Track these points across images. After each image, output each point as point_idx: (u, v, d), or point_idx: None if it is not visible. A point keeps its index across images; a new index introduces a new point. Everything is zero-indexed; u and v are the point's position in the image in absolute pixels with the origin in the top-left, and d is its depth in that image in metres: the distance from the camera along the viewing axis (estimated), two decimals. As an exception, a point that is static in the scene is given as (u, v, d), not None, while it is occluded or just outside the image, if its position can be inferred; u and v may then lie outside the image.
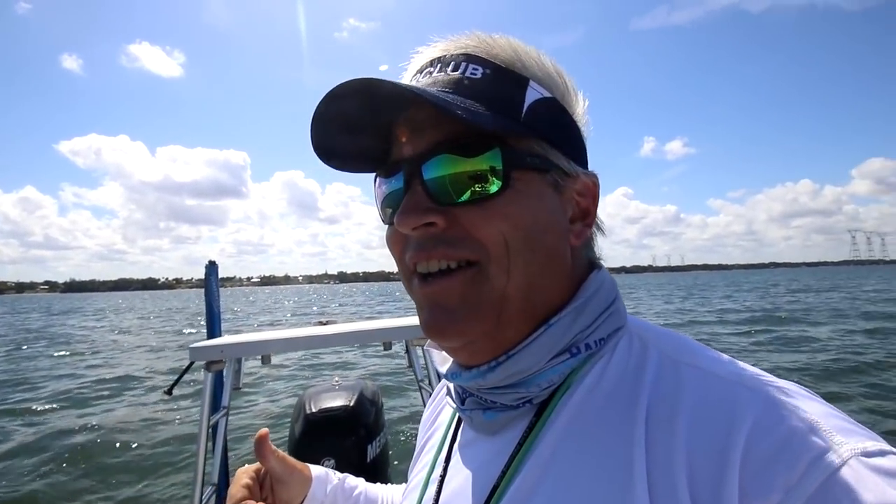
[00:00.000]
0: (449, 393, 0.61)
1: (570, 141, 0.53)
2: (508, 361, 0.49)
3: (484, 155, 0.47)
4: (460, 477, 0.55)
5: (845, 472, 0.33)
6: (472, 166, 0.47)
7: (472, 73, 0.49)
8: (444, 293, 0.49)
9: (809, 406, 0.39)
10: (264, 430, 0.73)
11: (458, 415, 0.63)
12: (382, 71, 0.47)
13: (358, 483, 0.85)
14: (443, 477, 0.58)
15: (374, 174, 0.57)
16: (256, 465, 0.76)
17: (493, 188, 0.47)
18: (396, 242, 0.53)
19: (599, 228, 0.59)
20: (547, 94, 0.51)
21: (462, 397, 0.56)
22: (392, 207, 0.53)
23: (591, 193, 0.54)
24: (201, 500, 2.09)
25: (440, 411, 0.73)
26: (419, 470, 0.66)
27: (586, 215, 0.54)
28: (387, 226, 0.55)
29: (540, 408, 0.50)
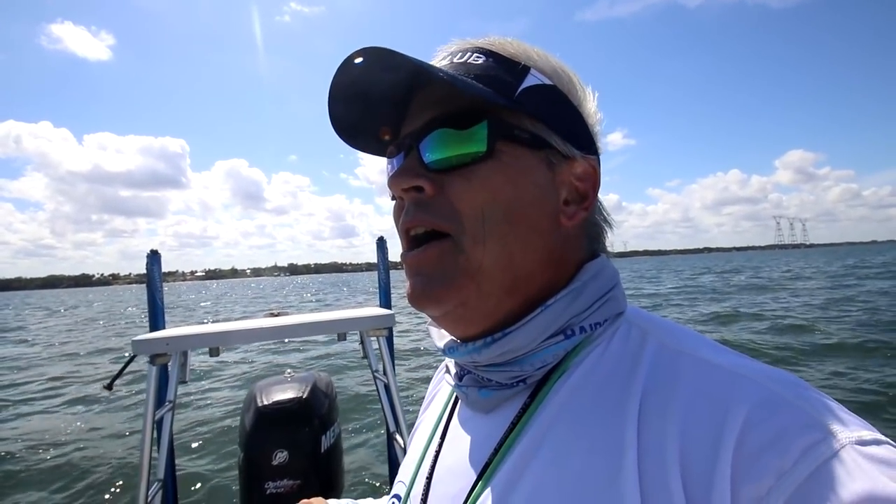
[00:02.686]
0: (448, 370, 0.63)
1: (569, 125, 0.54)
2: (504, 339, 0.50)
3: (474, 126, 0.50)
4: (455, 453, 0.56)
5: (839, 460, 0.33)
6: (463, 137, 0.50)
7: (474, 60, 0.52)
8: (421, 261, 0.52)
9: (806, 396, 0.39)
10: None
11: (454, 394, 0.65)
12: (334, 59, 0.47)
13: None
14: (437, 453, 0.59)
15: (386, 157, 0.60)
16: None
17: (478, 157, 0.50)
18: (395, 215, 0.56)
19: (607, 223, 0.60)
20: (548, 82, 0.53)
21: (460, 375, 0.58)
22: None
23: (591, 178, 0.55)
24: (147, 497, 2.02)
25: (439, 389, 0.75)
26: (416, 446, 0.67)
27: (584, 199, 0.55)
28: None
29: (535, 388, 0.51)
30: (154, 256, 2.72)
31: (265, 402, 2.38)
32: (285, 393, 2.44)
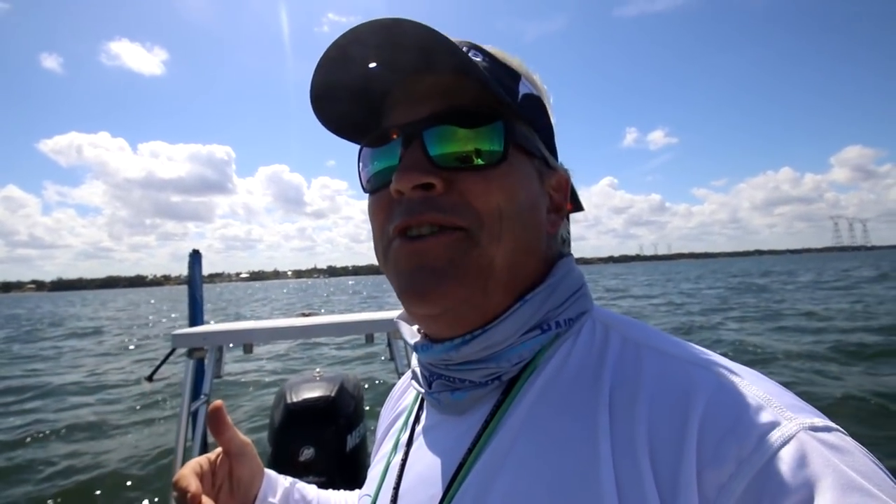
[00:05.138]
0: (415, 377, 0.60)
1: (548, 137, 0.56)
2: (484, 335, 0.49)
3: (487, 126, 0.48)
4: (424, 460, 0.54)
5: (793, 445, 0.35)
6: (474, 136, 0.48)
7: (473, 57, 0.50)
8: (431, 251, 0.48)
9: (761, 385, 0.41)
10: (218, 402, 0.67)
11: (419, 399, 0.63)
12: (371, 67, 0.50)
13: (309, 489, 0.80)
14: (404, 461, 0.57)
15: (359, 145, 0.57)
16: (205, 455, 0.69)
17: (494, 158, 0.48)
18: (381, 209, 0.52)
19: (568, 232, 0.62)
20: (534, 91, 0.55)
21: (429, 381, 0.56)
22: (380, 174, 0.53)
23: (564, 190, 0.58)
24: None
25: (401, 399, 0.73)
26: (380, 458, 0.66)
27: (559, 209, 0.57)
28: (369, 196, 0.55)
29: (507, 386, 0.51)
30: (195, 256, 2.86)
31: (294, 400, 2.44)
32: (314, 392, 2.50)
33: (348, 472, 2.41)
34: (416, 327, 0.60)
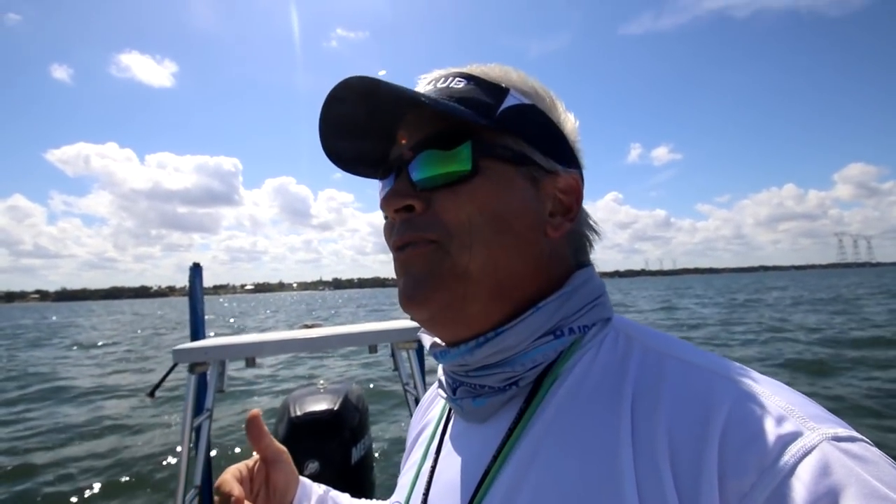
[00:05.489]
0: (441, 386, 0.62)
1: (550, 142, 0.57)
2: (497, 338, 0.52)
3: (459, 146, 0.52)
4: (452, 467, 0.56)
5: (816, 455, 0.35)
6: (448, 157, 0.53)
7: (455, 84, 0.55)
8: (410, 262, 0.54)
9: (784, 395, 0.41)
10: (256, 410, 0.71)
11: (447, 409, 0.66)
12: (382, 75, 0.51)
13: (342, 497, 0.82)
14: (433, 468, 0.59)
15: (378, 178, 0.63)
16: (244, 462, 0.72)
17: (465, 174, 0.52)
18: (387, 231, 0.59)
19: (595, 231, 0.62)
20: (526, 101, 0.56)
21: (453, 387, 0.58)
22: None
23: (574, 191, 0.58)
24: (185, 503, 2.09)
25: (430, 410, 0.75)
26: (410, 466, 0.67)
27: (568, 211, 0.58)
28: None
29: (530, 395, 0.52)
30: (196, 269, 2.84)
31: (298, 413, 2.43)
32: (318, 404, 2.48)
33: (353, 486, 2.39)
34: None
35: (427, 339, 0.62)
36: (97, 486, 5.21)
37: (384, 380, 9.31)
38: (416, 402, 2.61)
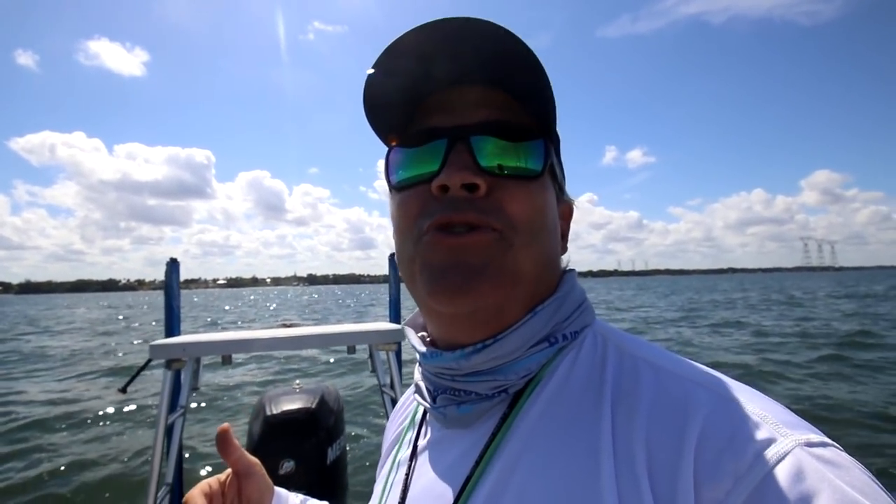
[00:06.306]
0: (419, 392, 0.60)
1: (561, 166, 0.59)
2: (495, 344, 0.50)
3: (529, 143, 0.51)
4: (429, 475, 0.54)
5: (789, 461, 0.35)
6: (517, 149, 0.51)
7: (540, 78, 0.51)
8: (470, 248, 0.48)
9: (757, 402, 0.41)
10: (226, 424, 0.69)
11: (421, 414, 0.64)
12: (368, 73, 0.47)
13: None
14: (408, 475, 0.58)
15: (390, 144, 0.57)
16: (216, 476, 0.72)
17: (533, 173, 0.51)
18: (416, 203, 0.52)
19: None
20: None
21: (434, 394, 0.56)
22: (420, 172, 0.52)
23: (568, 219, 0.61)
24: (156, 501, 2.07)
25: (404, 416, 0.73)
26: (385, 474, 0.65)
27: (564, 235, 0.60)
28: (399, 193, 0.55)
29: (513, 399, 0.51)
30: (173, 265, 2.81)
31: (273, 412, 2.42)
32: (294, 403, 2.47)
33: (329, 486, 2.40)
34: (422, 334, 0.61)
35: (414, 336, 0.60)
36: (66, 483, 5.06)
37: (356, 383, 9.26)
38: (394, 403, 2.63)
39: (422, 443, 0.60)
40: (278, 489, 0.76)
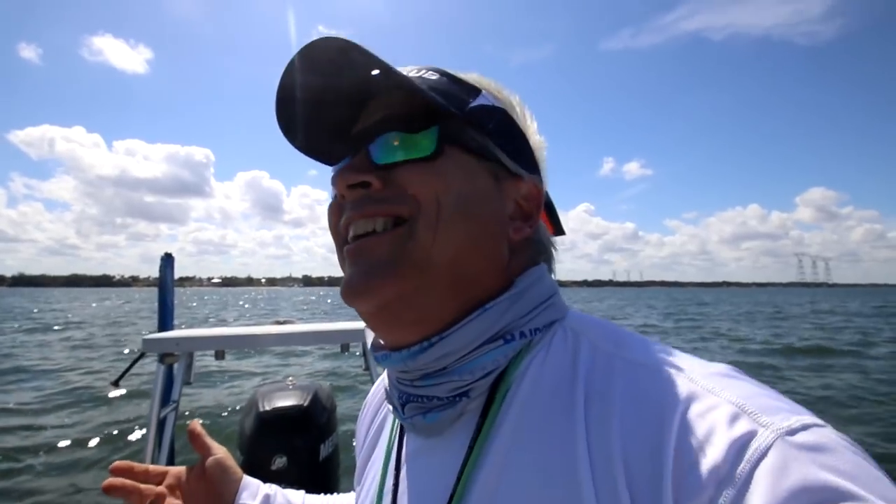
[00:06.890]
0: (390, 400, 0.58)
1: (515, 146, 0.55)
2: (441, 342, 0.48)
3: (425, 130, 0.50)
4: (414, 488, 0.53)
5: (772, 456, 0.33)
6: (412, 139, 0.50)
7: (429, 76, 0.53)
8: (374, 247, 0.49)
9: (735, 388, 0.39)
10: (195, 421, 0.73)
11: (400, 424, 0.61)
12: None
13: (295, 495, 0.83)
14: (395, 487, 0.56)
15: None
16: (182, 467, 0.77)
17: (428, 153, 0.50)
18: (334, 213, 0.55)
19: (553, 246, 0.62)
20: (497, 105, 0.55)
21: (402, 403, 0.54)
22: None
23: (535, 199, 0.56)
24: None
25: (379, 412, 0.71)
26: (369, 484, 0.63)
27: (528, 217, 0.56)
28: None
29: (485, 407, 0.49)
30: (168, 260, 2.81)
31: (266, 408, 2.41)
32: (287, 400, 2.47)
33: (321, 483, 2.39)
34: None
35: (370, 341, 0.59)
36: (55, 476, 5.04)
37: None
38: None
39: (404, 452, 0.58)
40: (248, 478, 0.78)
